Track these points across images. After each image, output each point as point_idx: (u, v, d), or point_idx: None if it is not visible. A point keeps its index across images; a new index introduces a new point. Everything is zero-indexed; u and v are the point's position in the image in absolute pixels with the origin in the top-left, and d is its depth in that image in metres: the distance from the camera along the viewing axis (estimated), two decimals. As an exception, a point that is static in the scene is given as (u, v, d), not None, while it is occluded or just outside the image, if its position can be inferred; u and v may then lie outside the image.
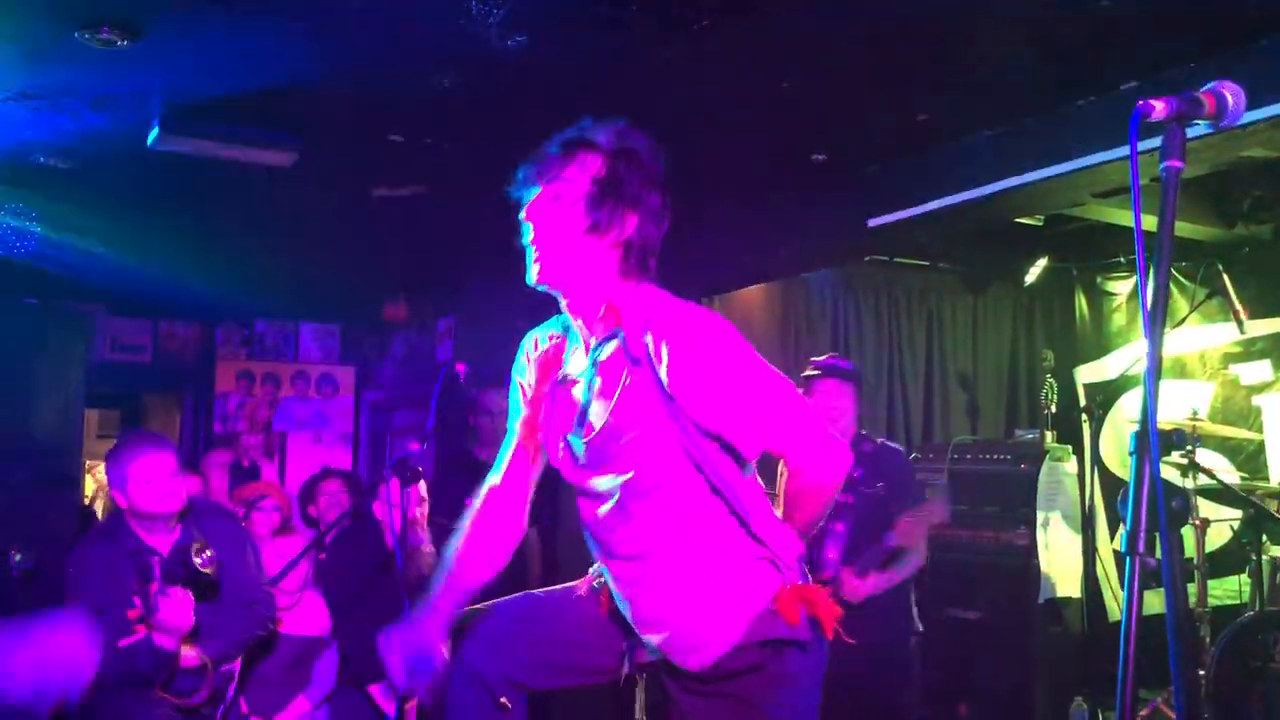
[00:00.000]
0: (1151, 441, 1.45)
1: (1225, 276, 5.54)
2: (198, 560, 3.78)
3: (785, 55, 3.39)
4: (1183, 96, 1.62)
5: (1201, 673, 5.23)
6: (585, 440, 2.09)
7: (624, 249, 2.09)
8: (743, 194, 4.89)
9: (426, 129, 3.99)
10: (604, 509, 2.11)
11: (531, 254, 2.09)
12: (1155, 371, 1.47)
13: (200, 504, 4.26)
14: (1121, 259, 6.60)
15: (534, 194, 2.10)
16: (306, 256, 5.93)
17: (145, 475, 3.88)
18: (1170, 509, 1.47)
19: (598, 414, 2.06)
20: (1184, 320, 5.86)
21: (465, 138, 4.11)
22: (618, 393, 2.03)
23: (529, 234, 2.09)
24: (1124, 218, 5.40)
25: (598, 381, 2.07)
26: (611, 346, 2.06)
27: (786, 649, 2.02)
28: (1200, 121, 1.66)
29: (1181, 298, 6.39)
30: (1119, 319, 6.76)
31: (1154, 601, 5.67)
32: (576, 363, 2.15)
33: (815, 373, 3.99)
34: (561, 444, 2.16)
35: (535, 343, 2.31)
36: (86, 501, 7.14)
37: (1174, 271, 6.47)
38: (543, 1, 2.97)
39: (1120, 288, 6.76)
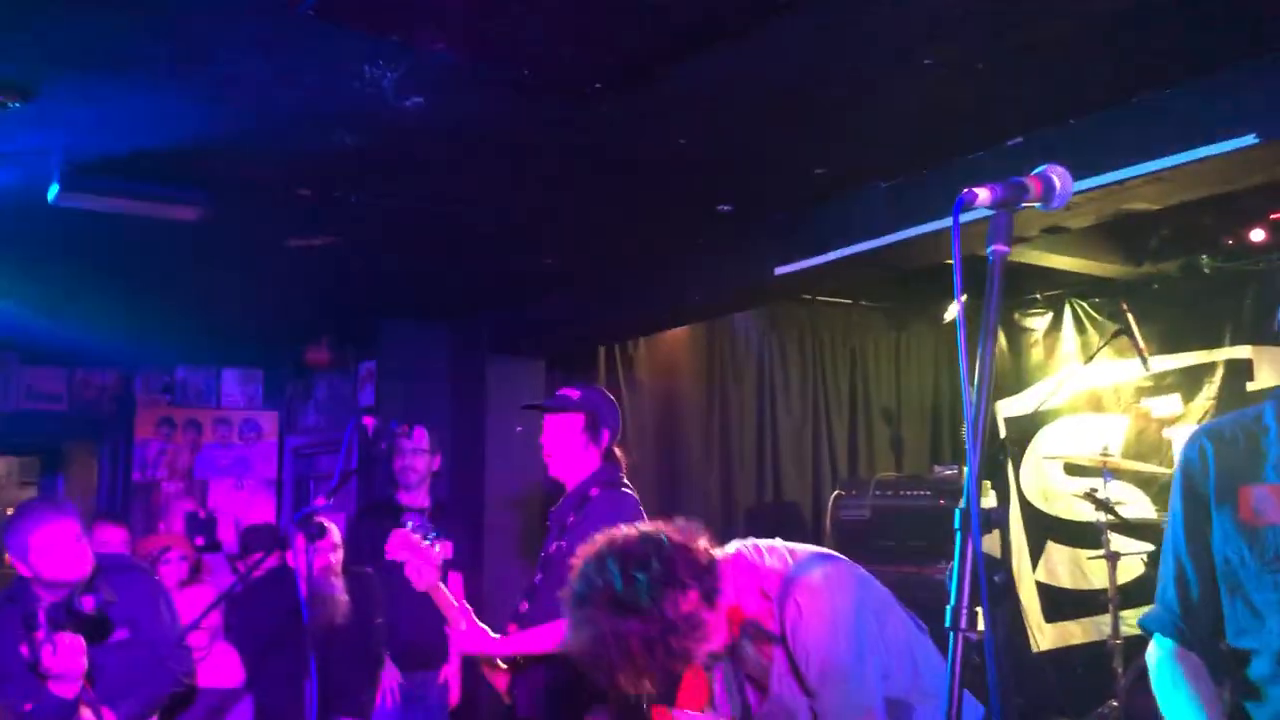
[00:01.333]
0: (973, 518, 1.50)
1: (1129, 315, 5.69)
2: (82, 601, 3.74)
3: (681, 115, 3.46)
4: (1008, 183, 1.68)
5: (1115, 703, 5.35)
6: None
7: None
8: (656, 240, 4.96)
9: (334, 183, 4.01)
10: None
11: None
12: (976, 446, 1.52)
13: (109, 561, 4.21)
14: (1038, 295, 6.75)
15: None
16: (227, 303, 5.89)
17: (46, 544, 3.83)
18: (992, 584, 1.52)
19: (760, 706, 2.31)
20: (1095, 355, 6.02)
21: (375, 191, 4.14)
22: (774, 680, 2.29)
23: None
24: (1039, 258, 5.54)
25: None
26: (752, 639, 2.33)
27: None
28: (1029, 204, 1.73)
29: (1093, 331, 6.56)
30: (1037, 354, 6.90)
31: (1075, 631, 5.72)
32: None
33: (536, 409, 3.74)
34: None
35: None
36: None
37: (1085, 306, 6.64)
38: (435, 66, 3.01)
39: (1037, 324, 6.91)
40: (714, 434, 6.79)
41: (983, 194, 1.66)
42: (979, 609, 1.51)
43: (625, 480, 3.59)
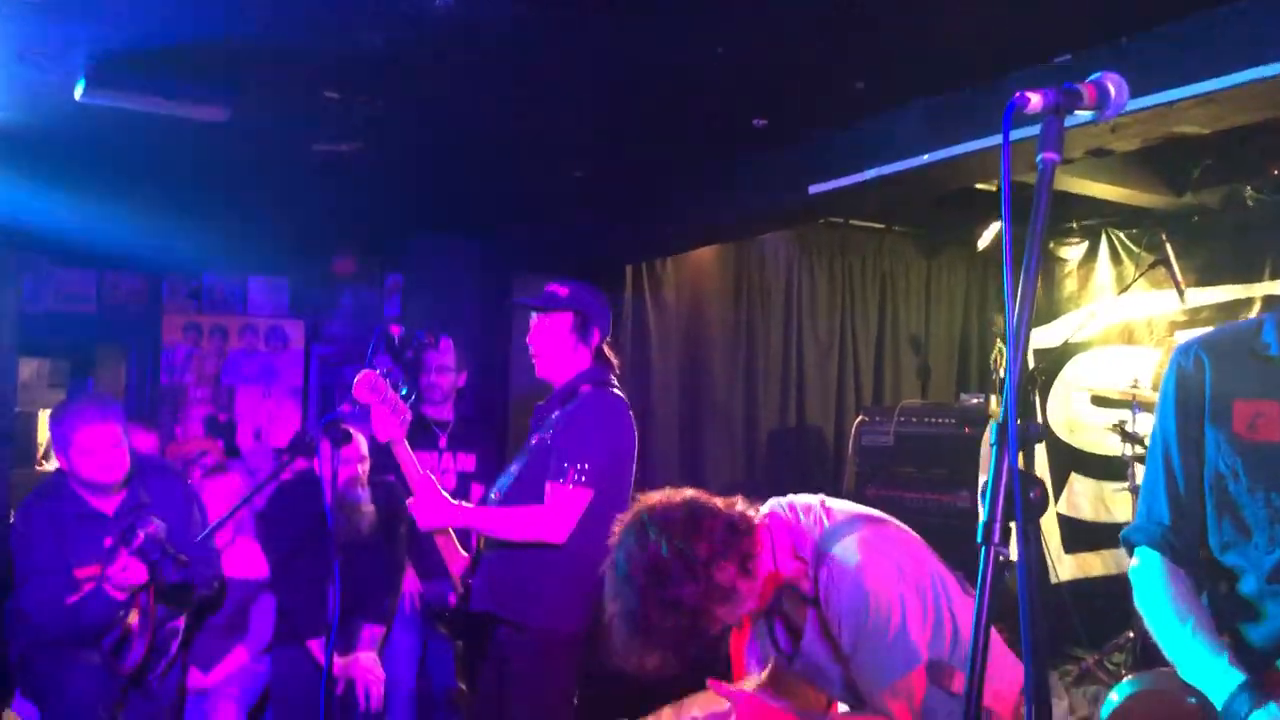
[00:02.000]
0: (1011, 433, 1.47)
1: (1168, 245, 5.58)
2: (167, 572, 3.84)
3: (720, 22, 3.36)
4: (1062, 89, 1.62)
5: (1131, 634, 5.36)
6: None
7: None
8: (687, 158, 4.87)
9: (361, 86, 3.94)
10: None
11: None
12: (1017, 364, 1.48)
13: (145, 462, 4.26)
14: (1074, 224, 6.63)
15: None
16: (254, 210, 5.87)
17: (89, 445, 3.88)
18: (1028, 500, 1.49)
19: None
20: (1130, 286, 5.92)
21: (402, 97, 4.07)
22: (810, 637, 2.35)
23: None
24: (1077, 185, 5.42)
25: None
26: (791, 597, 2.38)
27: None
28: (1082, 112, 1.67)
29: (1129, 262, 6.45)
30: (1070, 285, 6.81)
31: (1095, 563, 5.70)
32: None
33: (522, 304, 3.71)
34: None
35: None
36: (41, 454, 7.11)
37: (1121, 237, 6.51)
38: (468, -37, 2.93)
39: (1071, 254, 6.80)
40: (739, 356, 6.75)
41: (1035, 98, 1.60)
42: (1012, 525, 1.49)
43: (615, 382, 3.50)
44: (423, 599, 5.07)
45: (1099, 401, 6.14)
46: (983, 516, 1.49)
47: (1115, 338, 6.41)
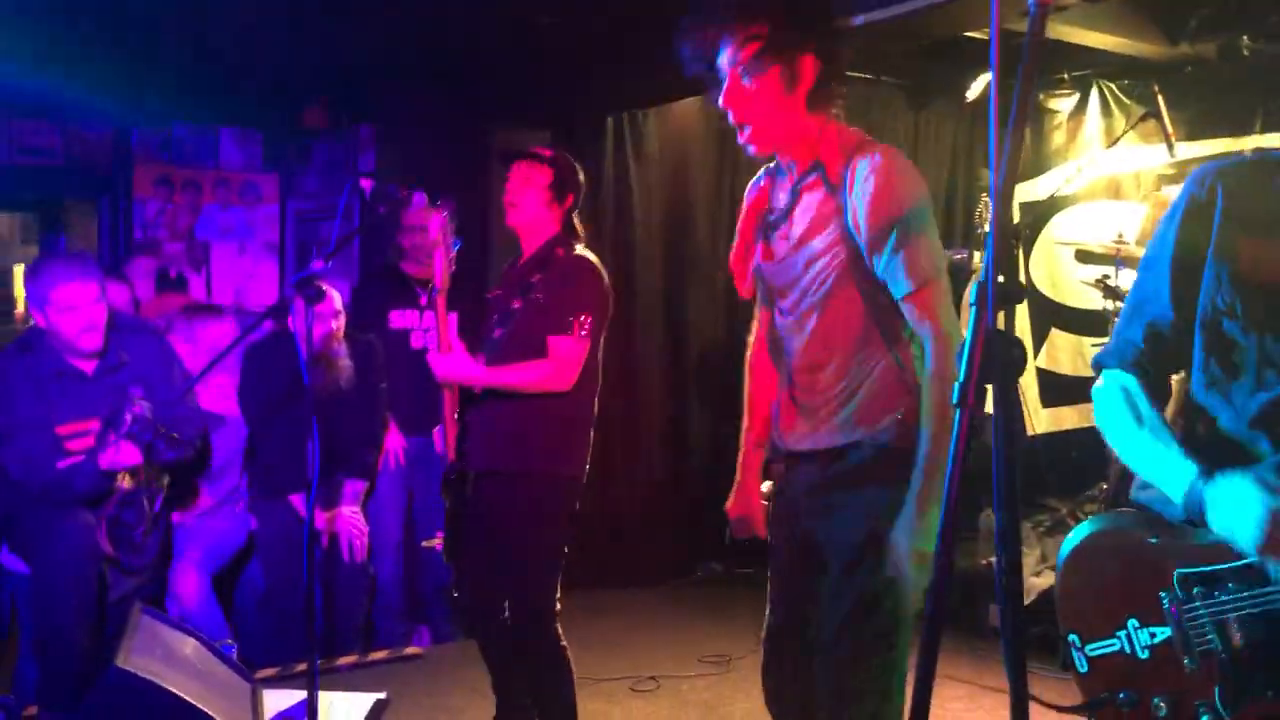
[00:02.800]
0: (989, 290, 1.44)
1: (1160, 97, 5.47)
2: (164, 452, 3.83)
3: None
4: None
5: (1104, 486, 5.47)
6: (779, 259, 2.50)
7: (810, 90, 2.36)
8: (666, 2, 4.69)
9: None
10: (786, 322, 2.52)
11: (744, 130, 2.40)
12: (998, 233, 1.44)
13: (122, 320, 4.21)
14: (1066, 75, 6.48)
15: (725, 80, 2.37)
16: (223, 58, 5.65)
17: (67, 302, 3.83)
18: (1008, 360, 1.46)
19: (794, 233, 2.45)
20: (1119, 139, 5.82)
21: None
22: (811, 215, 2.40)
23: (732, 116, 2.39)
24: (1071, 34, 5.27)
25: (796, 207, 2.44)
26: (811, 177, 2.41)
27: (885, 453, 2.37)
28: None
29: (1120, 115, 6.33)
30: (1059, 138, 6.69)
31: (1071, 416, 5.76)
32: (781, 197, 2.52)
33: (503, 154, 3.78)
34: (758, 262, 2.58)
35: (747, 194, 2.68)
36: (19, 312, 7.05)
37: (1113, 88, 6.38)
38: None
39: (1062, 105, 6.66)
40: (722, 211, 6.66)
41: (1030, -67, 1.50)
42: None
43: (580, 245, 3.66)
44: (406, 453, 5.12)
45: (1083, 257, 6.12)
46: (959, 376, 1.47)
47: (1102, 192, 6.34)
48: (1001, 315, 1.45)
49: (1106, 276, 5.37)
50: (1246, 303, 1.79)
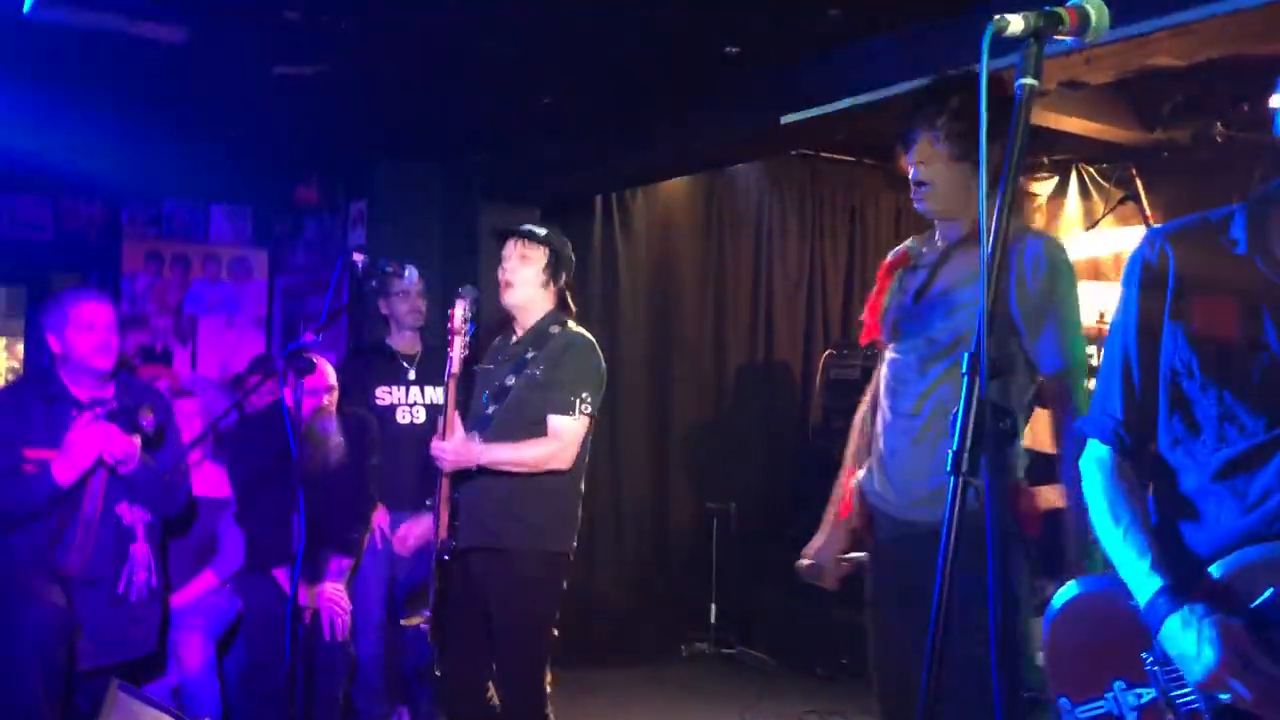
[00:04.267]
0: (980, 362, 1.46)
1: (1138, 181, 5.58)
2: (145, 419, 3.78)
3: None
4: (1040, 12, 1.59)
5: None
6: (917, 302, 2.56)
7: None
8: (658, 86, 4.80)
9: (324, 5, 3.83)
10: (907, 366, 2.56)
11: (922, 188, 2.56)
12: (989, 301, 1.47)
13: (128, 380, 4.20)
14: (1044, 159, 6.61)
15: (918, 139, 2.55)
16: (215, 134, 5.73)
17: (87, 320, 3.83)
18: (998, 429, 1.48)
19: (939, 283, 2.52)
20: (1099, 222, 5.93)
21: (366, 17, 3.96)
22: (963, 271, 2.49)
23: (916, 173, 2.56)
24: (1050, 119, 5.39)
25: (945, 264, 2.55)
26: (971, 243, 2.51)
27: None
28: (1061, 38, 1.64)
29: (1099, 198, 6.45)
30: (1039, 220, 6.80)
31: (1055, 496, 5.72)
32: (927, 256, 2.64)
33: (497, 232, 3.79)
34: (894, 305, 2.65)
35: (890, 254, 2.81)
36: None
37: (1091, 172, 6.51)
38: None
39: (1041, 189, 6.79)
40: (708, 289, 6.73)
41: (1014, 21, 1.56)
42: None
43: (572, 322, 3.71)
44: (393, 530, 5.07)
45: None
46: (952, 446, 1.48)
47: (1083, 273, 6.42)
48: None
49: (1090, 356, 5.40)
50: (1203, 360, 1.83)
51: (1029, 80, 1.58)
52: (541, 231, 3.67)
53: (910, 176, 2.57)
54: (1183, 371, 1.85)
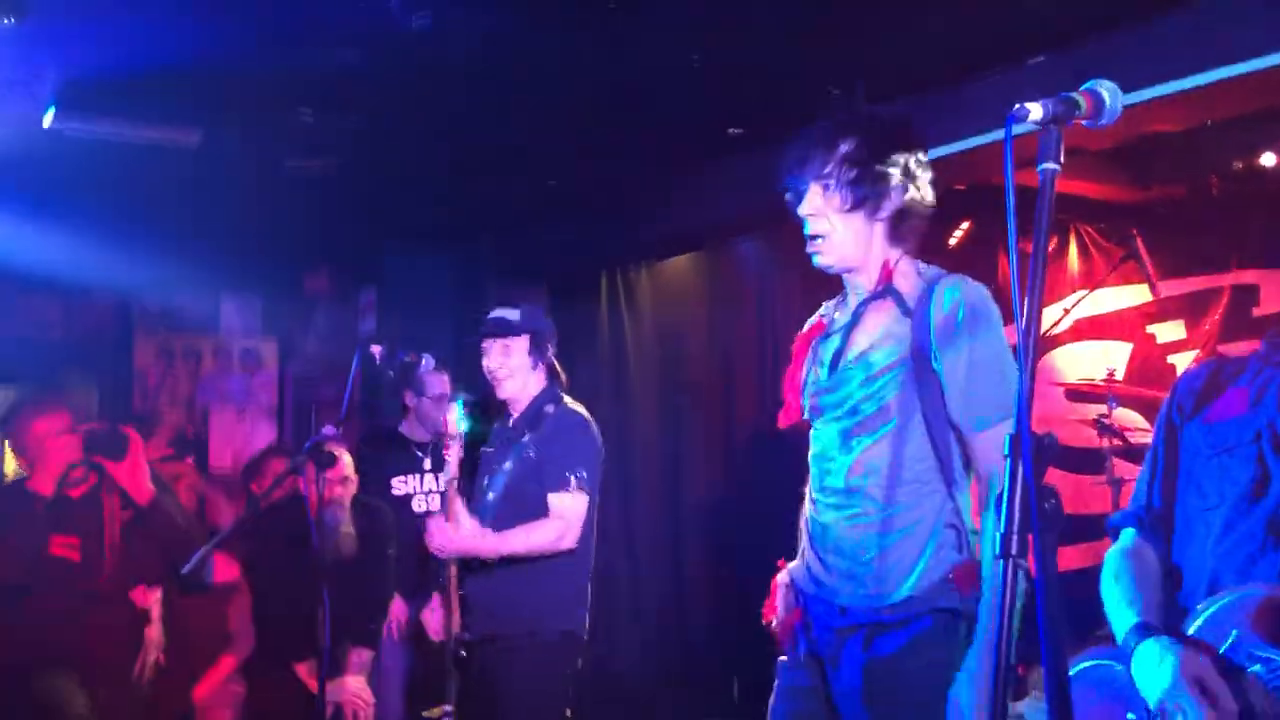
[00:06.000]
0: (1024, 443, 1.47)
1: (1139, 240, 5.63)
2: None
3: (696, 31, 3.37)
4: (1059, 99, 1.63)
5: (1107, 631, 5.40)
6: (833, 372, 2.31)
7: (891, 220, 2.29)
8: (663, 166, 4.88)
9: (335, 104, 3.92)
10: (831, 440, 2.32)
11: (816, 240, 2.32)
12: (1029, 374, 1.49)
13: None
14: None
15: (806, 189, 2.32)
16: (225, 228, 5.80)
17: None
18: (1043, 510, 1.49)
19: (852, 350, 2.28)
20: (1102, 282, 5.97)
21: (376, 112, 4.05)
22: (877, 333, 2.25)
23: (809, 226, 2.32)
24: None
25: (858, 327, 2.30)
26: (882, 300, 2.28)
27: (944, 617, 2.18)
28: (1078, 120, 1.68)
29: (1099, 257, 6.50)
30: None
31: (1071, 556, 5.68)
32: (839, 319, 2.39)
33: (475, 335, 3.75)
34: (811, 379, 2.39)
35: (806, 324, 2.54)
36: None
37: (1091, 232, 6.56)
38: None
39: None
40: (715, 363, 6.74)
41: (1035, 109, 1.60)
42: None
43: (568, 397, 3.71)
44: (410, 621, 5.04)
45: (1074, 396, 6.19)
46: (1000, 529, 1.49)
47: (1087, 332, 6.46)
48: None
49: (1103, 415, 5.42)
50: (1209, 438, 1.98)
51: (1050, 165, 1.62)
52: (515, 317, 3.65)
53: (803, 230, 2.35)
54: (1195, 455, 2.00)
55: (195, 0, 3.08)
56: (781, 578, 2.45)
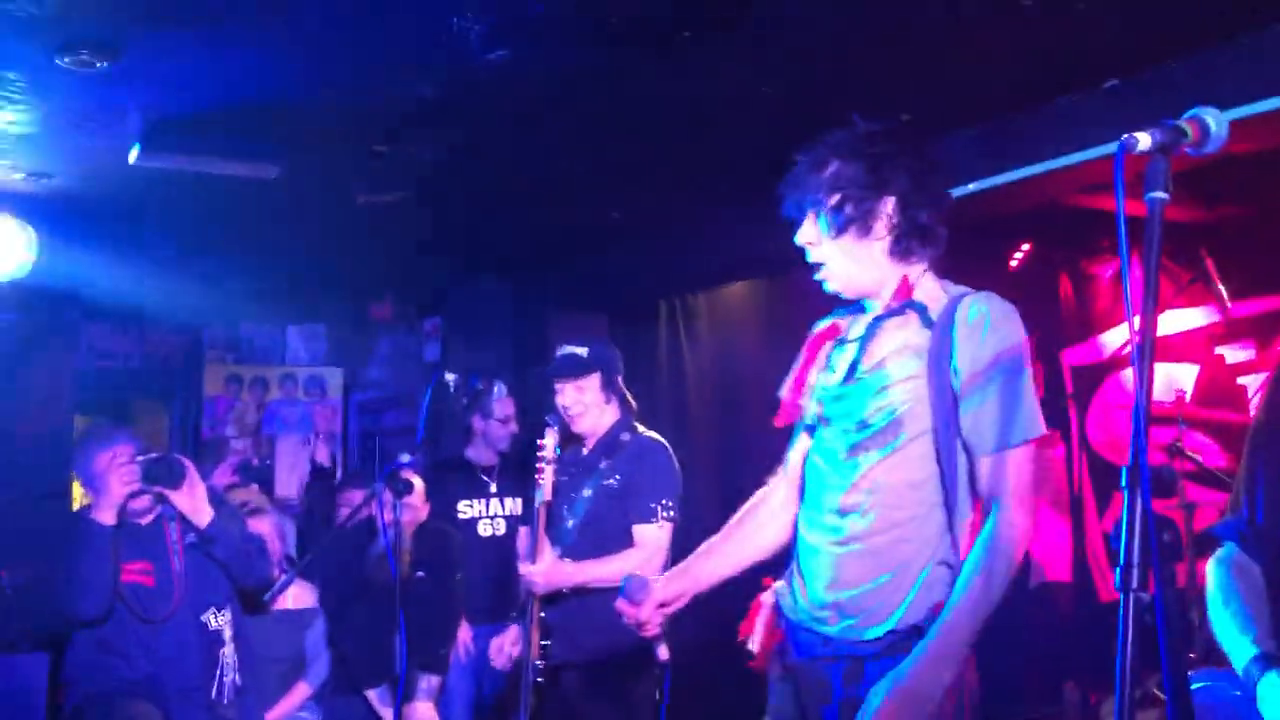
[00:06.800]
0: (1142, 475, 1.47)
1: (1208, 261, 5.57)
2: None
3: (765, 61, 3.39)
4: (1166, 127, 1.63)
5: (1193, 655, 5.30)
6: (844, 381, 2.23)
7: (894, 238, 2.21)
8: (727, 193, 4.89)
9: (409, 138, 3.98)
10: (832, 454, 2.22)
11: (819, 269, 2.29)
12: (1144, 409, 1.48)
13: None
14: (1105, 243, 6.61)
15: (803, 218, 2.28)
16: (292, 259, 5.91)
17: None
18: (1161, 542, 1.48)
19: (867, 359, 2.20)
20: (1170, 303, 5.90)
21: (449, 145, 4.10)
22: (894, 345, 2.16)
23: (809, 255, 2.29)
24: (1106, 203, 5.41)
25: (874, 339, 2.21)
26: (902, 314, 2.19)
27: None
28: (1184, 149, 1.68)
29: (1166, 280, 6.42)
30: (1103, 302, 6.78)
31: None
32: (856, 329, 2.29)
33: (546, 375, 3.77)
34: (820, 384, 2.32)
35: (815, 331, 2.47)
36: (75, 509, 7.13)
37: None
38: (524, 17, 2.96)
39: (1104, 271, 6.78)
40: (774, 389, 6.72)
41: (1143, 139, 1.60)
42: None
43: (639, 424, 3.77)
44: (477, 645, 5.06)
45: (1143, 418, 6.10)
46: (1119, 561, 1.48)
47: (1155, 354, 6.37)
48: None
49: (1176, 439, 5.34)
50: None
51: (1159, 194, 1.62)
52: (584, 354, 3.69)
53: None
54: None
55: (274, 37, 3.14)
56: (766, 598, 2.37)
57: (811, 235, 2.26)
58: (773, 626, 2.33)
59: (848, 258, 2.22)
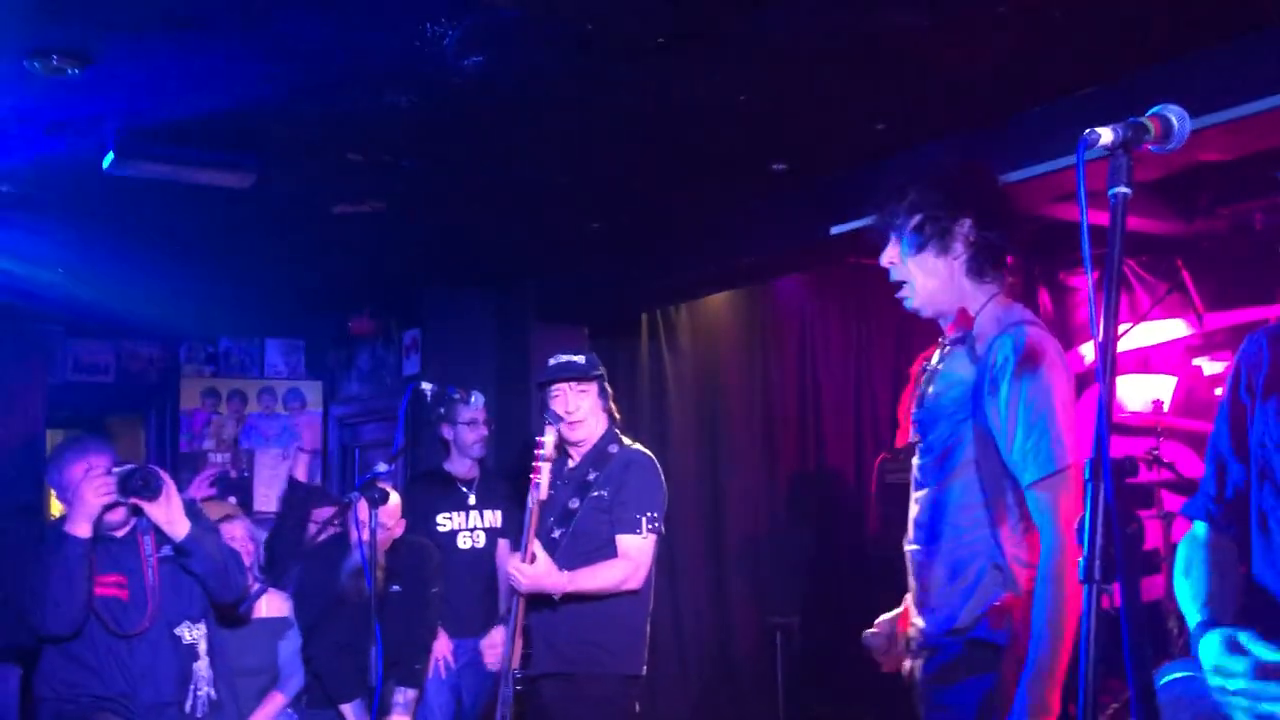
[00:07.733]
0: (1104, 467, 1.47)
1: (1184, 273, 5.60)
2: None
3: (742, 69, 3.40)
4: (1128, 123, 1.64)
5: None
6: (921, 409, 2.42)
7: (970, 258, 2.38)
8: (705, 203, 4.90)
9: (385, 147, 3.98)
10: (918, 473, 2.43)
11: (901, 288, 2.46)
12: (1107, 406, 1.48)
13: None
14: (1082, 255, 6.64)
15: (888, 241, 2.44)
16: (269, 272, 5.88)
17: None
18: (1124, 534, 1.48)
19: (932, 390, 2.39)
20: (1146, 314, 5.93)
21: (425, 154, 4.10)
22: (950, 378, 2.34)
23: (891, 275, 2.47)
24: (1088, 215, 5.43)
25: (940, 367, 2.41)
26: (959, 345, 2.37)
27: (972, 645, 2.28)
28: (1148, 145, 1.68)
29: (1142, 291, 6.46)
30: (1082, 315, 6.81)
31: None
32: (935, 358, 2.48)
33: (546, 379, 3.84)
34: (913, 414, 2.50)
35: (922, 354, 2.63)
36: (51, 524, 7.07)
37: (1133, 265, 6.53)
38: (498, 23, 2.96)
39: (1082, 283, 6.81)
40: (756, 400, 6.74)
41: (1105, 134, 1.61)
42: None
43: (624, 436, 3.85)
44: (456, 657, 5.03)
45: (1120, 429, 6.13)
46: (1083, 553, 1.48)
47: (1132, 366, 6.41)
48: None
49: (1154, 449, 5.36)
50: None
51: (1122, 189, 1.63)
52: (582, 361, 3.81)
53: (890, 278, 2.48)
54: (1271, 446, 1.92)
55: (246, 47, 3.13)
56: (907, 601, 2.54)
57: (894, 256, 2.43)
58: (890, 631, 2.54)
59: (927, 274, 2.38)
